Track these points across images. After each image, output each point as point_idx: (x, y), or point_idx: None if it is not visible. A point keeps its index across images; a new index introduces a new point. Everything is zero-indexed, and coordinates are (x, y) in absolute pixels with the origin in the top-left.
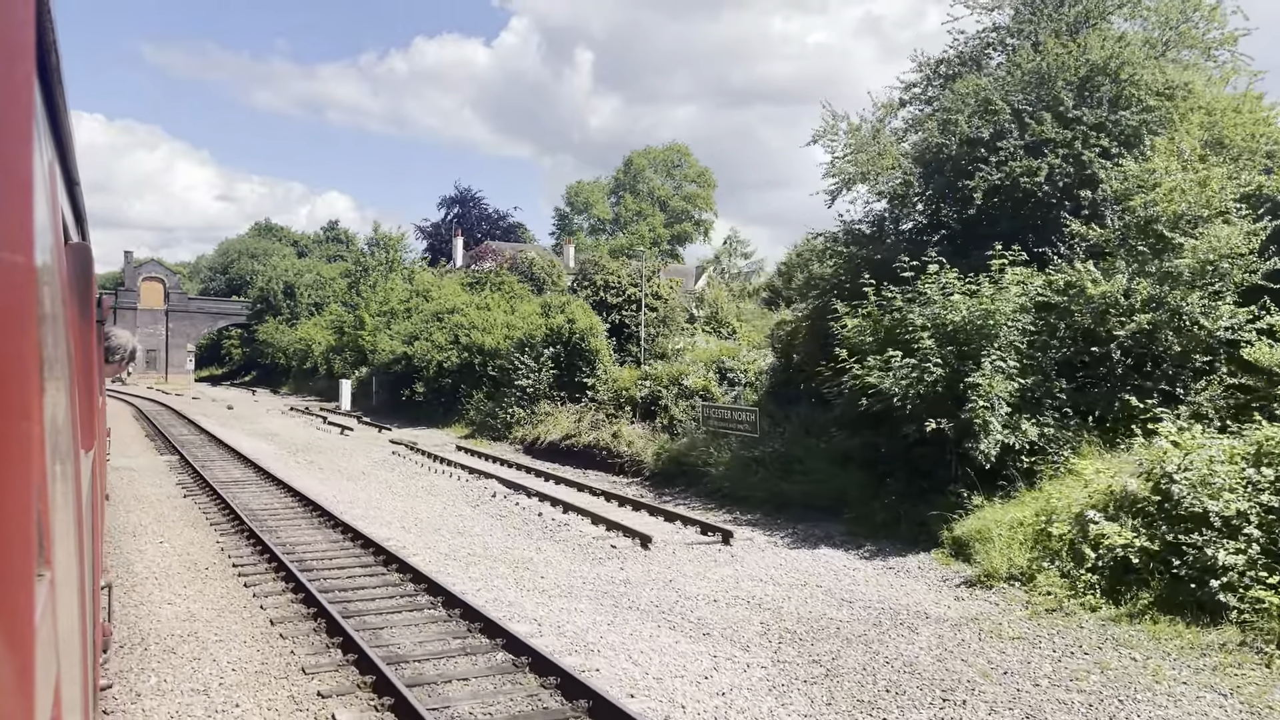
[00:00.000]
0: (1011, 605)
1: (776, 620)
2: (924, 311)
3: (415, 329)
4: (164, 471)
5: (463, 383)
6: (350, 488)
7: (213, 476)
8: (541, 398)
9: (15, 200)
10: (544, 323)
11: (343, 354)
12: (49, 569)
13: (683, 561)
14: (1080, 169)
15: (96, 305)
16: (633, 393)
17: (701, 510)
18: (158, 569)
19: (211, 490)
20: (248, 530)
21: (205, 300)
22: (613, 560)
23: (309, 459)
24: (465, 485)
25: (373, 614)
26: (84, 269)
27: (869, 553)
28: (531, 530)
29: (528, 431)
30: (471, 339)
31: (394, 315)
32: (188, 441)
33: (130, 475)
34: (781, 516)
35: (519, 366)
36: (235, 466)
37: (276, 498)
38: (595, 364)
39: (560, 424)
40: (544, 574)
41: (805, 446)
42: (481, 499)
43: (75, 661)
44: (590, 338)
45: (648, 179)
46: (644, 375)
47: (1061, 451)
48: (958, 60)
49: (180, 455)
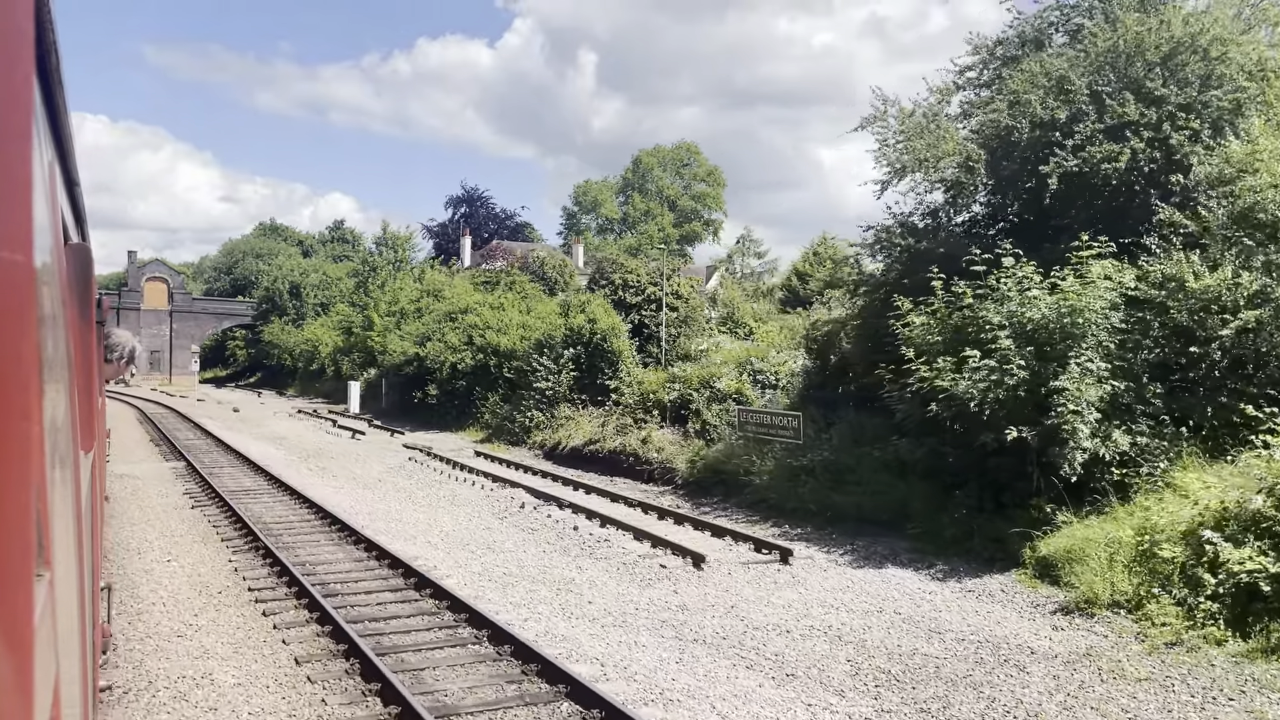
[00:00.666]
0: (1123, 638)
1: (864, 656)
2: (1000, 309)
3: (427, 329)
4: (170, 479)
5: (477, 385)
6: (368, 497)
7: (222, 485)
8: (561, 401)
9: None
10: (563, 323)
11: (350, 355)
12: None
13: (740, 583)
14: (1168, 153)
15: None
16: (660, 396)
17: (746, 523)
18: (165, 593)
19: (221, 500)
20: (263, 547)
21: (209, 301)
22: (664, 582)
23: (321, 465)
24: (490, 495)
25: (410, 650)
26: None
27: (941, 573)
28: (568, 546)
29: (547, 436)
30: (486, 340)
31: (404, 315)
32: (194, 446)
33: (134, 484)
34: (835, 530)
35: (537, 368)
36: (245, 474)
37: (291, 509)
38: (618, 366)
39: (582, 428)
40: (591, 598)
41: (856, 454)
42: (509, 510)
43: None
44: (612, 338)
45: (656, 178)
46: (672, 378)
47: (1157, 463)
48: (1017, 41)
49: (186, 461)
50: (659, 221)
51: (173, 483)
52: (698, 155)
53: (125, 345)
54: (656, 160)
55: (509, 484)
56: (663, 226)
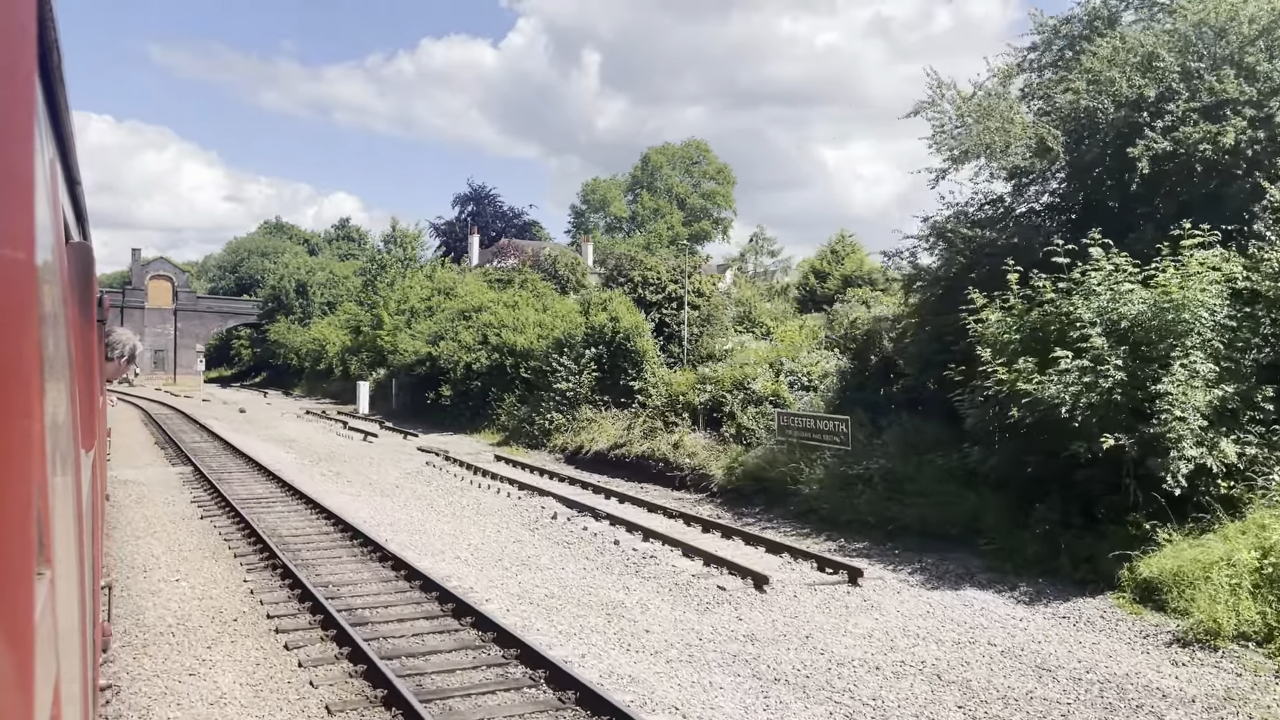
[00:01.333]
0: (1260, 677)
1: (974, 702)
2: (1088, 304)
3: (439, 328)
4: (176, 486)
5: (493, 386)
6: (387, 506)
7: (231, 492)
8: (583, 402)
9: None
10: (583, 321)
11: (359, 355)
12: (49, 567)
13: (810, 608)
14: (1272, 132)
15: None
16: (691, 398)
17: (797, 536)
18: (174, 619)
19: (232, 510)
20: (280, 565)
21: (214, 299)
22: (724, 606)
23: (334, 470)
24: (517, 503)
25: (458, 694)
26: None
27: (1027, 595)
28: (610, 563)
29: (569, 439)
30: (502, 339)
31: (414, 314)
32: (200, 450)
33: (139, 491)
34: (896, 545)
35: (557, 368)
36: (255, 479)
37: (307, 519)
38: (642, 366)
39: (606, 431)
40: (648, 626)
41: (915, 462)
42: (540, 521)
43: (75, 660)
44: (636, 337)
45: (665, 176)
46: (702, 379)
47: (1271, 475)
48: (1085, 19)
49: (194, 466)
50: (668, 220)
51: (179, 489)
52: (707, 153)
53: (126, 344)
54: (665, 158)
55: (536, 491)
56: (672, 225)
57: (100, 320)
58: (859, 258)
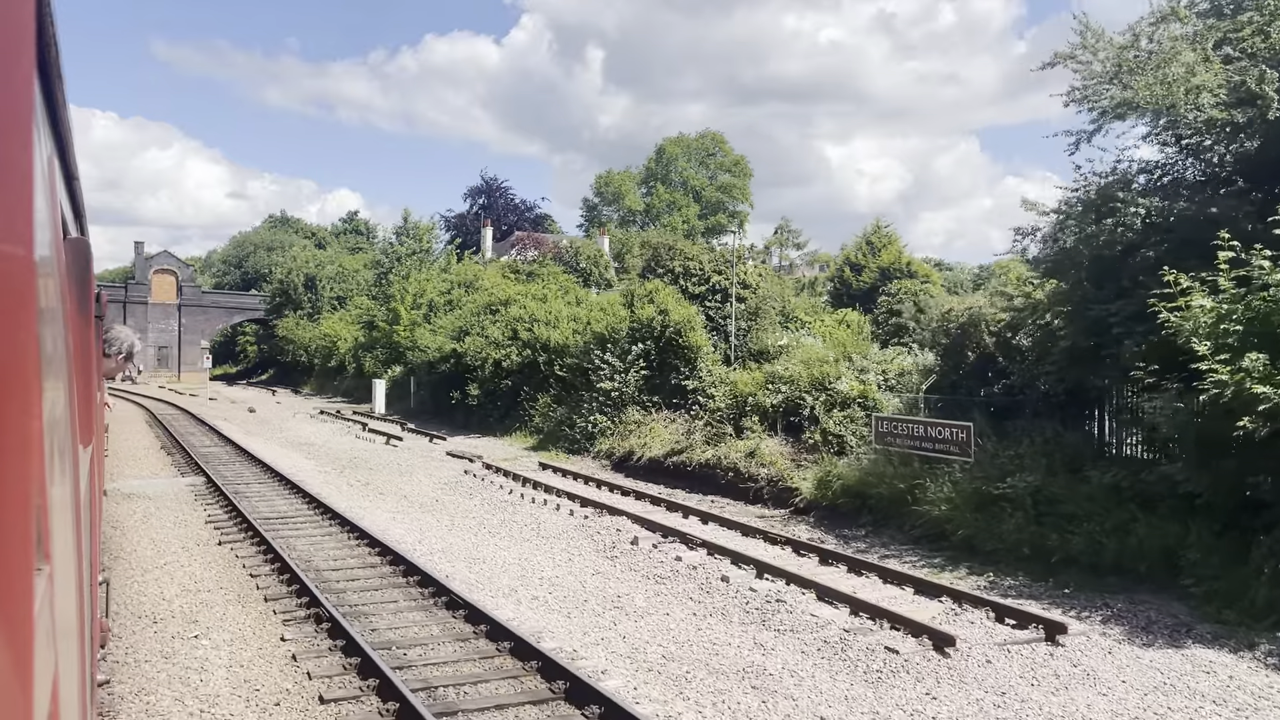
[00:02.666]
0: None
1: None
2: None
3: (464, 323)
4: (187, 501)
5: (525, 384)
6: (433, 526)
7: (252, 509)
8: (629, 403)
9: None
10: (627, 315)
11: (374, 351)
12: (48, 563)
13: (1013, 680)
14: None
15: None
16: (761, 400)
17: (930, 568)
18: (197, 702)
19: (254, 533)
20: (325, 615)
21: (220, 294)
22: (902, 676)
23: (362, 480)
24: (584, 523)
25: None
26: (83, 264)
27: (1274, 657)
28: (727, 608)
29: (615, 444)
30: (534, 334)
31: (433, 309)
32: (212, 456)
33: (145, 508)
34: (1064, 583)
35: (601, 366)
36: (276, 492)
37: (344, 545)
38: (696, 364)
39: (660, 436)
40: (818, 710)
41: (1065, 479)
42: (617, 546)
43: (73, 656)
44: (688, 332)
45: (681, 168)
46: (771, 378)
47: None
48: None
49: (205, 476)
50: (684, 213)
51: (191, 505)
52: (723, 144)
53: (124, 341)
54: (681, 149)
55: (601, 508)
56: (688, 219)
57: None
58: (896, 249)
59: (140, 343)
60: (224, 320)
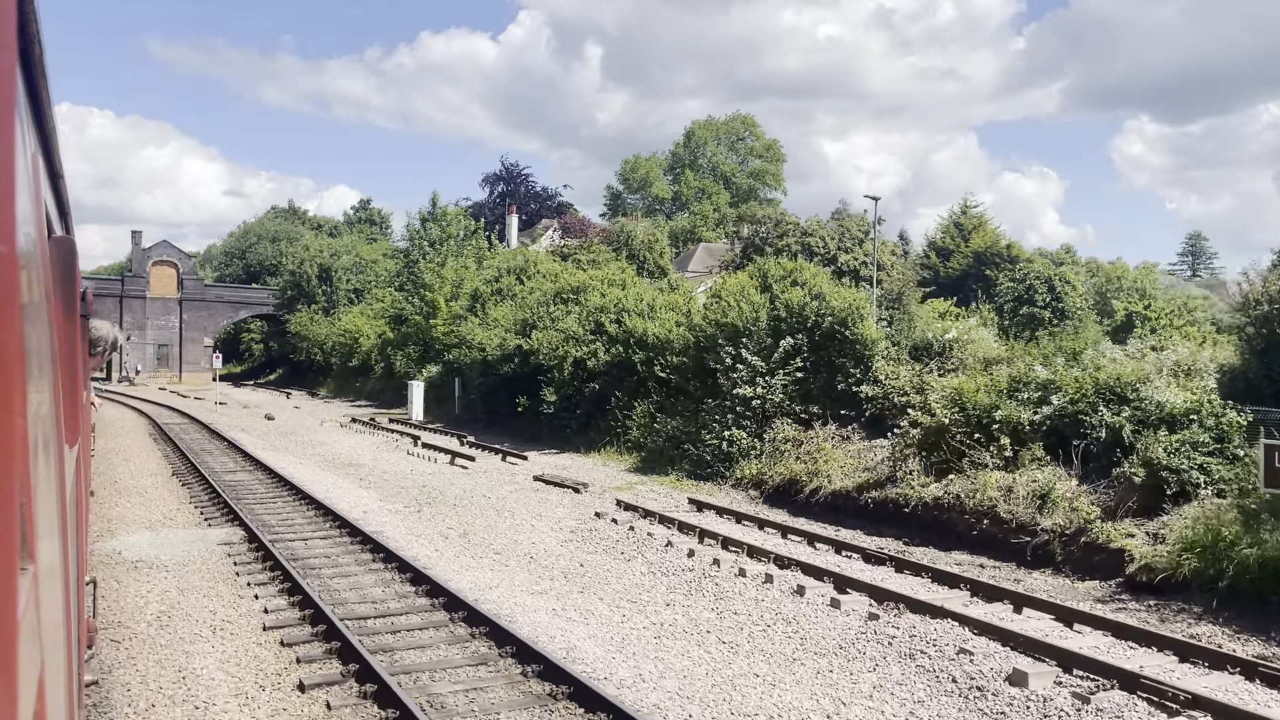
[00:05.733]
0: None
1: None
2: None
3: (528, 315)
4: (225, 577)
5: (616, 389)
6: (610, 619)
7: (331, 596)
8: (777, 415)
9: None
10: (763, 301)
11: (405, 349)
12: (32, 563)
13: None
14: None
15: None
16: (1013, 414)
17: None
18: None
19: (352, 657)
20: None
21: (224, 288)
22: None
23: (456, 527)
24: (875, 631)
25: None
26: (67, 262)
27: None
28: None
29: (765, 469)
30: (627, 327)
31: (478, 299)
32: (241, 487)
33: (160, 592)
34: None
35: (736, 366)
36: (351, 554)
37: (507, 680)
38: (870, 363)
39: (837, 460)
40: None
41: None
42: (942, 671)
43: (59, 656)
44: (856, 322)
45: (711, 152)
46: (1017, 383)
47: None
48: None
49: (240, 523)
50: (714, 201)
51: (232, 586)
52: (754, 128)
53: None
54: (710, 133)
55: (868, 590)
56: (718, 206)
57: (84, 315)
58: (990, 232)
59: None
60: (229, 316)
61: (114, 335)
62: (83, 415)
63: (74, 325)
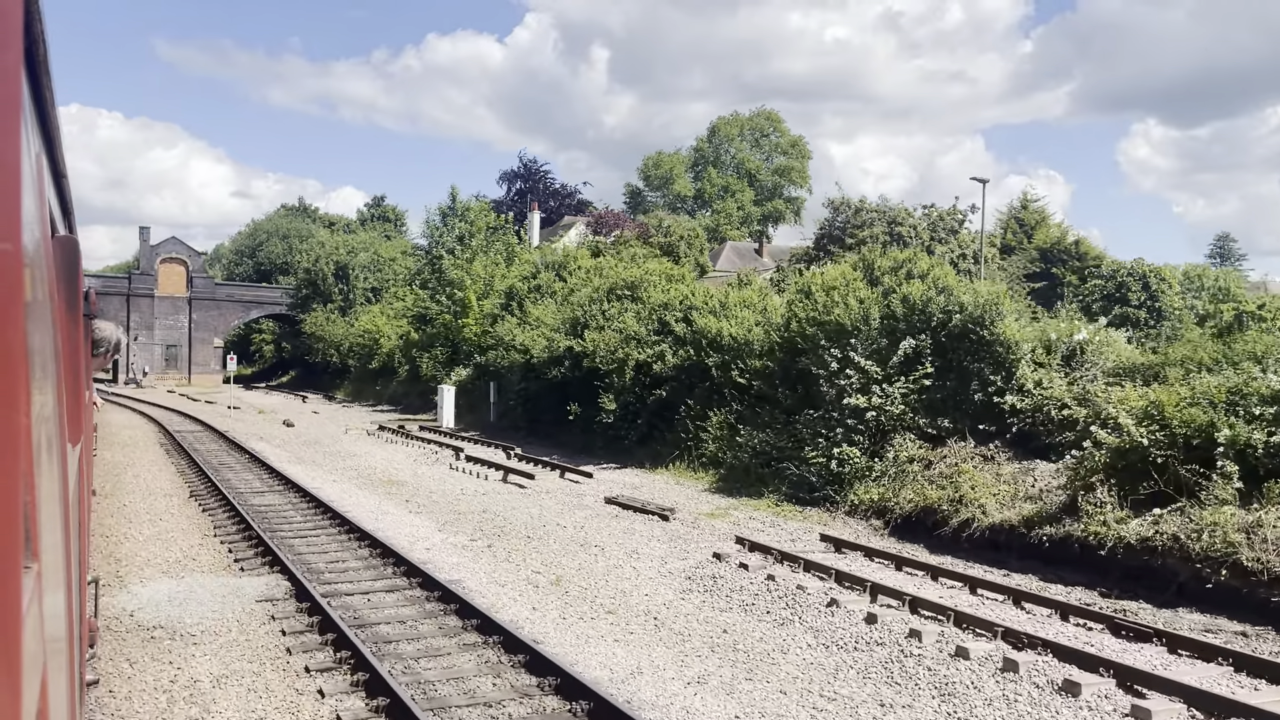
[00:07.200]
0: None
1: None
2: None
3: (578, 313)
4: (271, 655)
5: (686, 396)
6: None
7: (410, 680)
8: (897, 429)
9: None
10: (873, 296)
11: (432, 350)
12: (35, 561)
13: None
14: None
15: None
16: (1238, 434)
17: None
18: None
19: None
20: None
21: (235, 286)
22: None
23: (542, 570)
24: None
25: None
26: (71, 262)
27: None
28: None
29: (889, 494)
30: (698, 326)
31: (513, 297)
32: (273, 514)
33: (189, 677)
34: None
35: (845, 372)
36: (425, 615)
37: None
38: (1013, 370)
39: (987, 486)
40: None
41: None
42: None
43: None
44: (995, 321)
45: (735, 149)
46: (1240, 393)
47: None
48: None
49: (283, 567)
50: (738, 198)
51: (282, 674)
52: (779, 124)
53: (110, 339)
54: (735, 129)
55: (1129, 676)
56: (742, 204)
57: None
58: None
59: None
60: (240, 315)
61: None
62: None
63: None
